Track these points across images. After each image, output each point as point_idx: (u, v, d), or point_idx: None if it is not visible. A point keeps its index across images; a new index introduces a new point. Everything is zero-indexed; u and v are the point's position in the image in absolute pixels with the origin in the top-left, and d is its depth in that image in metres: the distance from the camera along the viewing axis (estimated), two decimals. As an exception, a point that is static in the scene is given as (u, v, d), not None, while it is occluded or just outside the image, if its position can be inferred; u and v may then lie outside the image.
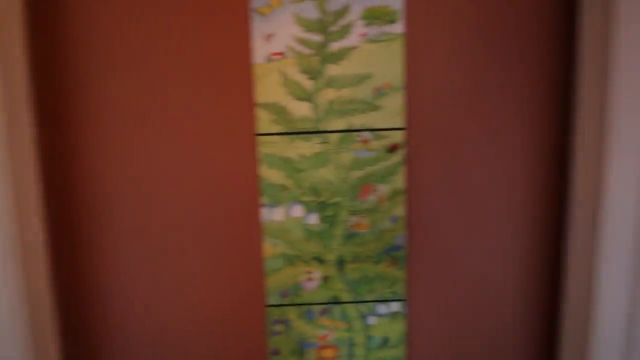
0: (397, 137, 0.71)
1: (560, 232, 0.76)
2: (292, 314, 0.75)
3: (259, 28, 0.69)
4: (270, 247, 0.73)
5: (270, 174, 0.71)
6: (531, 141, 0.73)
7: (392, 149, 0.71)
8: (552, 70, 0.72)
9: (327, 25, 0.69)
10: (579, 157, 0.70)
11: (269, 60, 0.70)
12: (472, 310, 0.77)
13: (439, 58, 0.71)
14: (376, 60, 0.70)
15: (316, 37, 0.69)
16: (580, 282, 0.72)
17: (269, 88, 0.70)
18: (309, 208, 0.72)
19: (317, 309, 0.75)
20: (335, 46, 0.70)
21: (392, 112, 0.71)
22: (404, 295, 0.74)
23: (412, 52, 0.70)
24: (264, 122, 0.71)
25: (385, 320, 0.75)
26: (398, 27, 0.70)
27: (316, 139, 0.71)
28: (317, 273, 0.74)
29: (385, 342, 0.76)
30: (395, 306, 0.75)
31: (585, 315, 0.70)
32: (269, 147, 0.71)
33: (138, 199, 0.73)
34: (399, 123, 0.71)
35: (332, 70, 0.70)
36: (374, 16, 0.69)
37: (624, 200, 0.66)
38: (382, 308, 0.75)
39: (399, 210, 0.73)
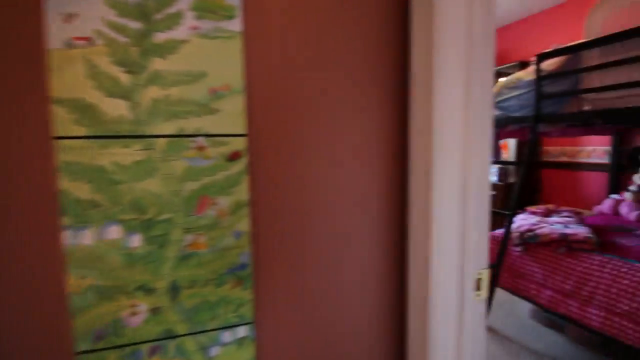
0: (238, 143, 0.65)
1: (405, 238, 0.80)
2: (111, 358, 0.61)
3: (55, 5, 0.55)
4: (77, 279, 0.58)
5: (74, 188, 0.57)
6: (376, 141, 0.75)
7: (233, 157, 0.65)
8: (393, 70, 0.75)
9: (149, 12, 0.59)
10: (414, 161, 0.75)
11: (71, 46, 0.56)
12: (326, 325, 0.75)
13: (283, 58, 0.67)
14: (212, 58, 0.62)
15: (135, 24, 0.58)
16: (419, 290, 0.76)
17: (70, 80, 0.56)
18: (130, 228, 0.60)
19: (145, 348, 0.62)
20: (160, 37, 0.60)
21: (231, 116, 0.64)
22: (251, 318, 0.68)
23: (252, 51, 0.65)
24: (64, 122, 0.56)
25: (231, 348, 0.67)
26: (236, 25, 0.64)
27: (137, 144, 0.59)
28: (144, 305, 0.61)
29: (232, 373, 0.68)
30: (242, 331, 0.67)
31: (424, 321, 0.74)
32: (71, 153, 0.56)
33: None
34: (239, 129, 0.65)
35: (157, 64, 0.60)
36: (207, 9, 0.62)
37: (449, 200, 0.72)
38: (226, 335, 0.66)
39: (243, 225, 0.66)
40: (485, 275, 0.78)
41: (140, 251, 0.60)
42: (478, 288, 0.77)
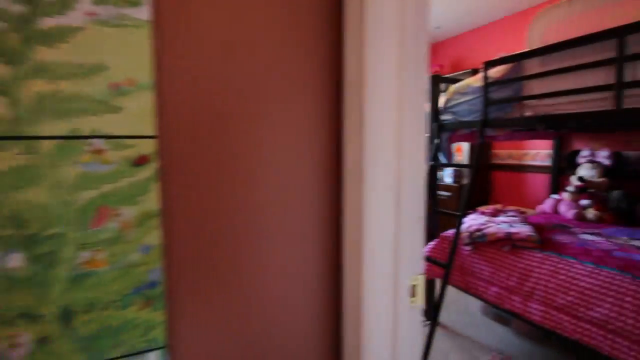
0: (146, 146, 0.58)
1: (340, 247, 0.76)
2: (-16, 401, 0.51)
3: None
4: None
5: None
6: (311, 141, 0.71)
7: (140, 161, 0.57)
8: (330, 64, 0.71)
9: (32, -7, 0.50)
10: (347, 163, 0.72)
11: None
12: (257, 342, 0.70)
13: (202, 50, 0.61)
14: (113, 49, 0.55)
15: (15, 7, 0.50)
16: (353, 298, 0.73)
17: None
18: (7, 245, 0.50)
19: (30, 384, 0.53)
20: (48, 23, 0.51)
21: (137, 115, 0.57)
22: (163, 342, 0.61)
23: (164, 42, 0.58)
24: None
25: (141, 377, 0.60)
26: (144, 12, 0.57)
27: (16, 147, 0.50)
28: (27, 335, 0.52)
29: (142, 405, 0.60)
30: (152, 357, 0.60)
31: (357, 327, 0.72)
32: None
33: None
34: (148, 129, 0.58)
35: (44, 54, 0.51)
36: (107, -7, 0.54)
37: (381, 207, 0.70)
38: (134, 363, 0.59)
39: (152, 238, 0.59)
40: (421, 281, 0.77)
41: (21, 272, 0.51)
42: (413, 295, 0.76)
